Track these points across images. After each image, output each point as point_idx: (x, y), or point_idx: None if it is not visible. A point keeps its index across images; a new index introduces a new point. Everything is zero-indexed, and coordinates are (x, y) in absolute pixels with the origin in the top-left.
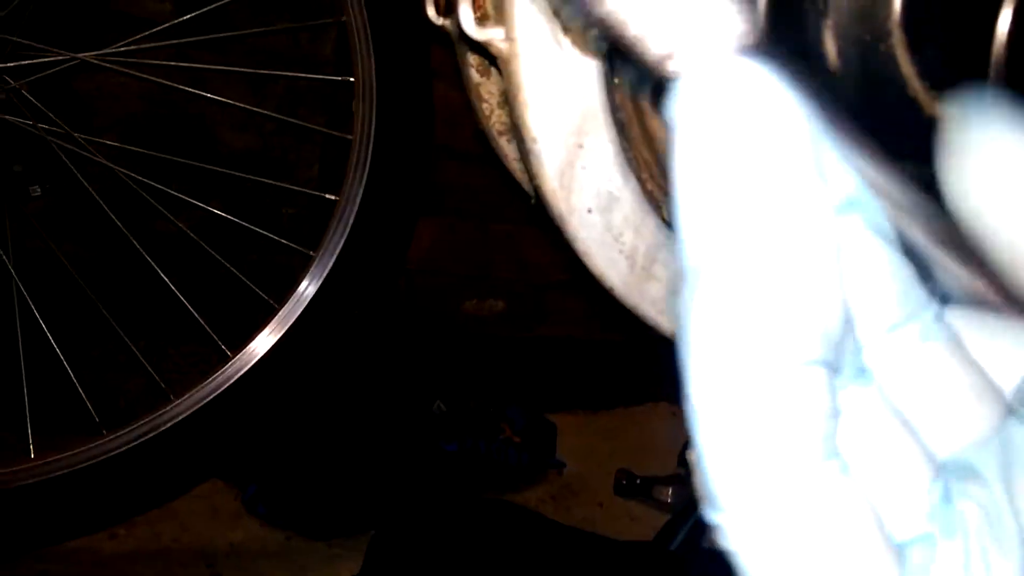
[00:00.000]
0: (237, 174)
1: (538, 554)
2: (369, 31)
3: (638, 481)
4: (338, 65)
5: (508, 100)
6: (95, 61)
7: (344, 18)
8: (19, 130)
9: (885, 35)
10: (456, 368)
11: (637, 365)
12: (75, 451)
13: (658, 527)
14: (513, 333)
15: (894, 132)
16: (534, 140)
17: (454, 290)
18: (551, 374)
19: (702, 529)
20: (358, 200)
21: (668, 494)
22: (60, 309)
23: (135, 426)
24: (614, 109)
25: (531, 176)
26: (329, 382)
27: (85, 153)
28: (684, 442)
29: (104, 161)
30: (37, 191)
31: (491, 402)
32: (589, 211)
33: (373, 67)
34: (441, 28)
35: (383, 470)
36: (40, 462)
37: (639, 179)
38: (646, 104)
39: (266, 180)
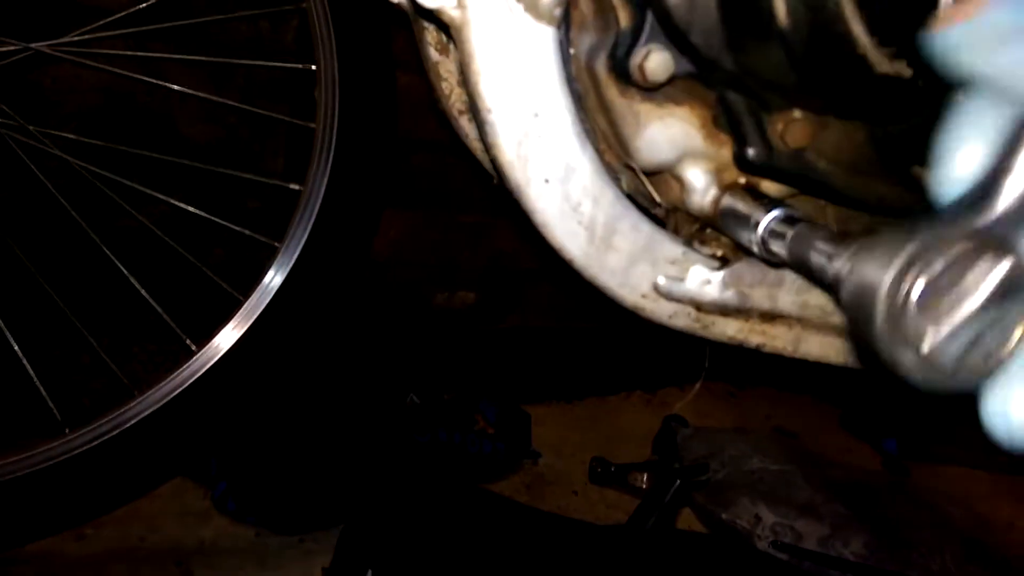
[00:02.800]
0: (199, 166)
1: (512, 539)
2: (330, 17)
3: (612, 469)
4: (300, 54)
5: (462, 71)
6: (49, 51)
7: (304, 4)
8: None
9: None
10: (429, 360)
11: (611, 354)
12: (37, 451)
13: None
14: (485, 324)
15: (845, 91)
16: (488, 110)
17: (424, 282)
18: (524, 365)
19: (675, 511)
20: (323, 189)
21: (643, 480)
22: (19, 308)
23: (98, 424)
24: (570, 79)
25: (487, 147)
26: (298, 375)
27: (41, 147)
28: (658, 429)
29: (61, 155)
30: None
31: (465, 394)
32: (547, 181)
33: (335, 53)
34: (396, 6)
35: (355, 463)
36: (1, 463)
37: (597, 149)
38: (602, 73)
39: (228, 171)
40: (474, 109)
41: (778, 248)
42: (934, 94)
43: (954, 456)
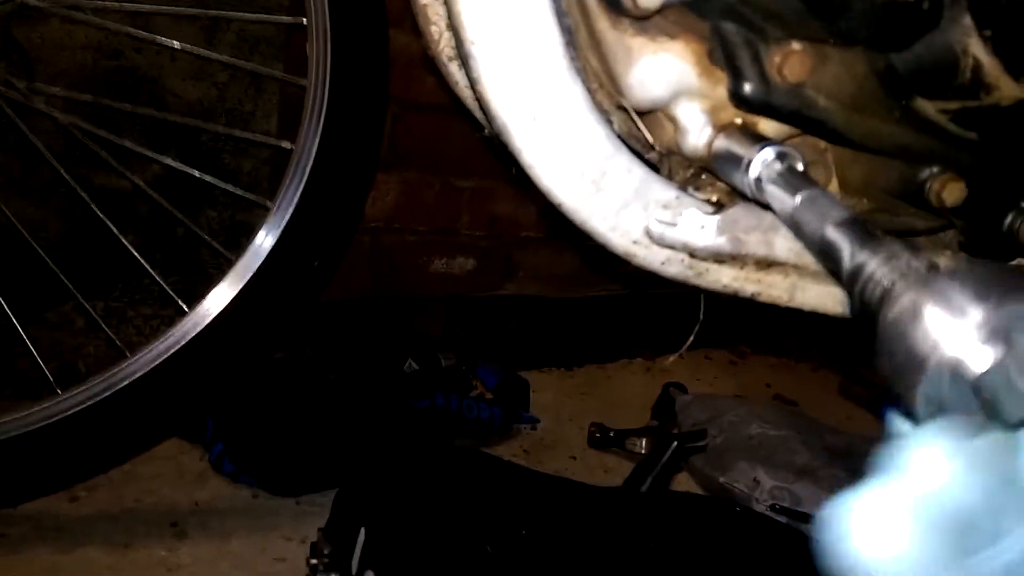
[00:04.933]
0: (191, 123)
1: (505, 499)
2: None
3: (611, 434)
4: (291, 8)
5: (447, 3)
6: (36, 3)
7: None
8: None
9: None
10: (427, 327)
11: (611, 322)
12: (29, 411)
13: None
14: (482, 291)
15: (847, 16)
16: (472, 42)
17: (421, 248)
18: (523, 332)
19: (671, 474)
20: (315, 148)
21: (641, 445)
22: (11, 270)
23: (90, 385)
24: (559, 12)
25: (472, 84)
26: (294, 338)
27: (30, 104)
28: (658, 395)
29: (52, 112)
30: None
31: (463, 360)
32: (534, 119)
33: (327, 6)
34: None
35: (353, 427)
36: None
37: (587, 88)
38: (592, 3)
39: (220, 129)
40: (459, 43)
41: (775, 200)
42: (938, 16)
43: None
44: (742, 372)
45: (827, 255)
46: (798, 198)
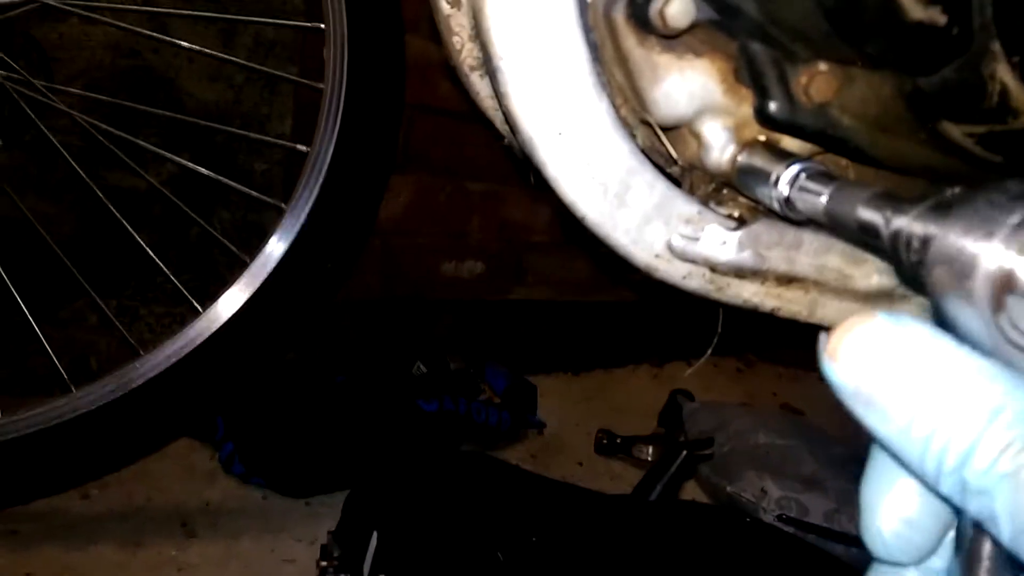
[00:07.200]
0: (206, 124)
1: (515, 504)
2: None
3: (618, 440)
4: (308, 12)
5: (475, 18)
6: (56, 4)
7: None
8: None
9: None
10: (436, 330)
11: (619, 328)
12: (43, 409)
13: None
14: (492, 295)
15: (875, 40)
16: (500, 57)
17: (432, 251)
18: (531, 336)
19: (680, 482)
20: (331, 151)
21: (648, 452)
22: (26, 267)
23: (104, 383)
24: (586, 28)
25: (499, 98)
26: (305, 339)
27: (49, 103)
28: (665, 402)
29: (70, 111)
30: None
31: (472, 363)
32: (560, 134)
33: (344, 12)
34: None
35: (362, 429)
36: (7, 420)
37: (612, 103)
38: (620, 21)
39: (236, 131)
40: (486, 57)
41: (806, 204)
42: (968, 43)
43: None
44: (749, 380)
45: (867, 236)
46: (825, 194)
